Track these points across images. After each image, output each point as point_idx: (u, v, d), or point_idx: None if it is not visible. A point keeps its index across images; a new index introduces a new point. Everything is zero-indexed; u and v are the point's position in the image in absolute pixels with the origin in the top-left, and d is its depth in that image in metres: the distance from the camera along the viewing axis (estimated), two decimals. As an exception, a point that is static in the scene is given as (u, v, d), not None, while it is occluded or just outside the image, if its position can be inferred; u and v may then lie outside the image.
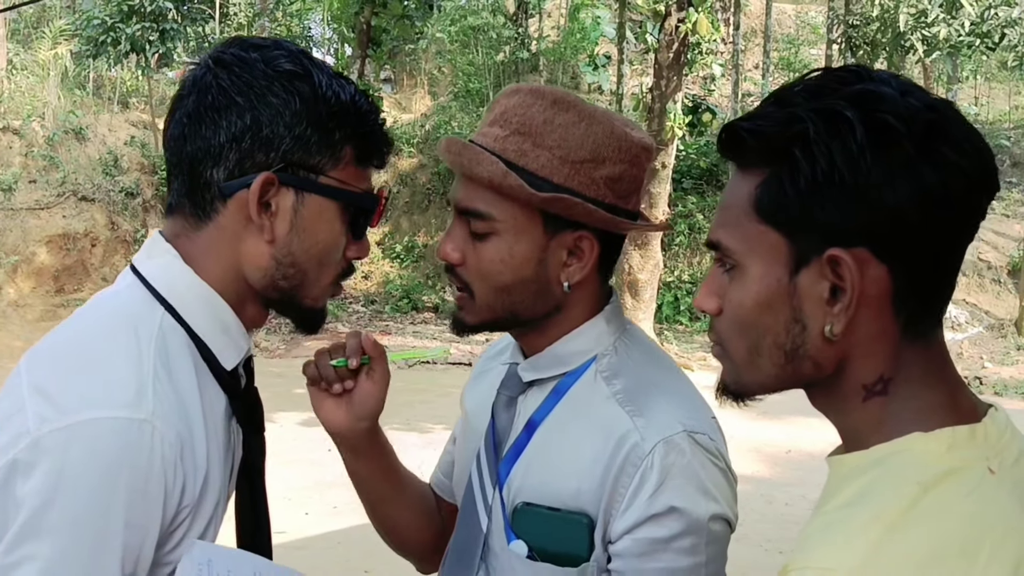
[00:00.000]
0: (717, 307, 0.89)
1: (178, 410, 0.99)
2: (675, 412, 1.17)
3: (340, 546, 5.42)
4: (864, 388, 0.84)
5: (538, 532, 1.17)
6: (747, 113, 0.88)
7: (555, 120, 1.16)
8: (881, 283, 0.80)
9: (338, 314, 15.54)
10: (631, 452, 1.14)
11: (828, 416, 0.89)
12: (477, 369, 1.44)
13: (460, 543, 1.27)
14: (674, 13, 11.26)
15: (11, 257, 14.74)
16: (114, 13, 16.70)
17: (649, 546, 1.12)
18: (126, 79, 19.77)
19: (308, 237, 1.07)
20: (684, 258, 17.01)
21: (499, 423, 1.26)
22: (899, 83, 0.83)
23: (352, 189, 1.09)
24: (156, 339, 1.01)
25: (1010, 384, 12.05)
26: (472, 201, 1.17)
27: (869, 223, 0.79)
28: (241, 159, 1.03)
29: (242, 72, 1.03)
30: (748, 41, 24.48)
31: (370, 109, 1.10)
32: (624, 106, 16.84)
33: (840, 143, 0.79)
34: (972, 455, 0.80)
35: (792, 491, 6.95)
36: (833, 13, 19.58)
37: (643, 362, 1.23)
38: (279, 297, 1.10)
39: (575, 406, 1.21)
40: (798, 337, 0.84)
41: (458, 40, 23.64)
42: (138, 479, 0.93)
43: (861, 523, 0.76)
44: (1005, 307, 15.36)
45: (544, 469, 1.19)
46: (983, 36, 14.21)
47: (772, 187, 0.83)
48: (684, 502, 1.11)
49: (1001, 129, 20.89)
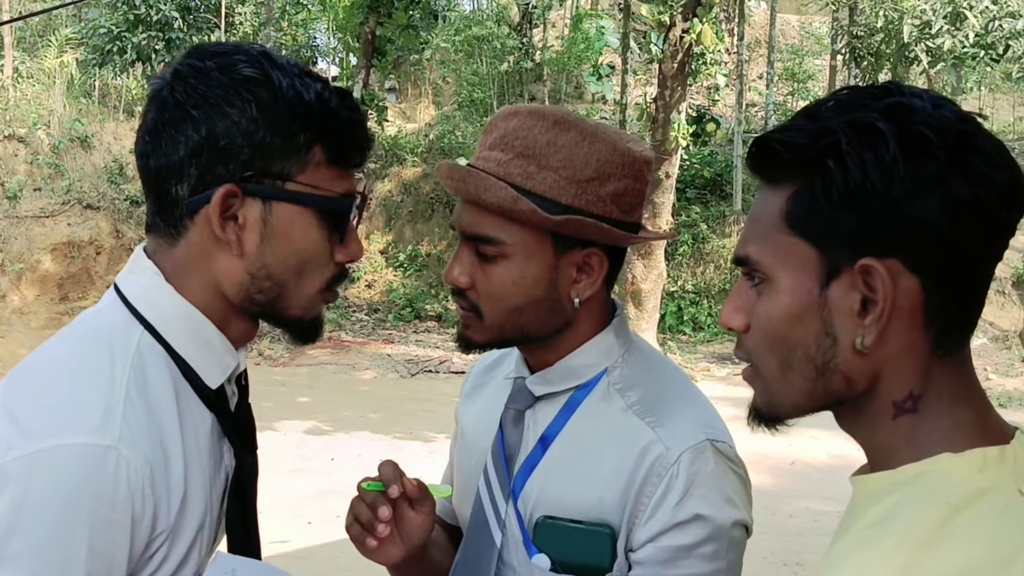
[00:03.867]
0: (743, 323, 0.88)
1: (149, 433, 0.96)
2: (695, 421, 1.18)
3: (344, 555, 5.40)
4: (894, 405, 0.83)
5: (560, 545, 1.17)
6: (778, 127, 0.87)
7: (558, 141, 1.16)
8: (913, 295, 0.80)
9: (341, 323, 15.55)
10: (656, 462, 1.15)
11: (856, 437, 0.88)
12: (469, 384, 1.43)
13: (470, 558, 1.26)
14: (678, 23, 11.28)
15: (16, 265, 14.78)
16: (120, 22, 16.79)
17: (673, 553, 1.13)
18: (132, 88, 19.86)
19: (282, 247, 1.02)
20: (688, 268, 17.00)
21: (508, 437, 1.26)
22: (930, 96, 0.82)
23: (324, 193, 1.03)
24: (132, 360, 0.98)
25: (1014, 396, 12.02)
26: (480, 227, 1.16)
27: (901, 234, 0.79)
28: (202, 173, 0.99)
29: (197, 83, 1.00)
30: (752, 51, 24.52)
31: (341, 105, 1.04)
32: (628, 116, 16.86)
33: (873, 154, 0.78)
34: (1003, 477, 0.79)
35: (796, 503, 6.92)
36: (837, 24, 19.61)
37: (654, 373, 1.25)
38: (259, 311, 1.06)
39: (590, 419, 1.21)
40: (829, 351, 0.83)
41: (462, 50, 23.70)
42: (102, 507, 0.91)
43: (891, 543, 0.76)
44: (1009, 318, 15.33)
45: (562, 482, 1.19)
46: (987, 47, 14.22)
47: (804, 198, 0.82)
48: (709, 510, 1.13)
49: (1005, 140, 20.85)
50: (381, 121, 18.84)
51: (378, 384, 12.37)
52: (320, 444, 8.80)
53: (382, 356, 14.16)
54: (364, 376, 12.92)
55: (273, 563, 1.14)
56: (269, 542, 1.55)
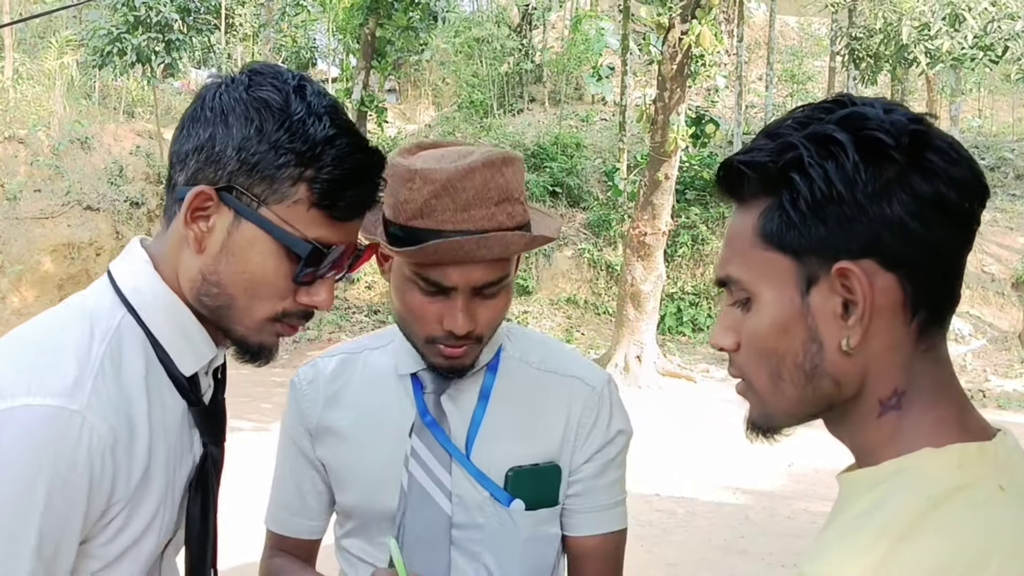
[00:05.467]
0: (734, 343, 0.92)
1: (117, 405, 1.02)
2: (591, 363, 1.52)
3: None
4: (880, 404, 0.87)
5: (529, 489, 1.40)
6: (740, 150, 0.91)
7: (512, 177, 1.31)
8: (891, 292, 0.83)
9: (341, 324, 15.55)
10: (586, 398, 1.44)
11: (844, 438, 0.91)
12: (323, 393, 1.47)
13: (421, 537, 1.37)
14: (677, 25, 11.29)
15: (16, 266, 14.79)
16: (120, 24, 16.81)
17: (603, 467, 1.44)
18: (132, 89, 19.88)
19: (237, 262, 1.06)
20: (687, 269, 17.01)
21: (435, 418, 1.40)
22: (881, 103, 0.87)
23: (292, 231, 1.05)
24: (111, 337, 1.05)
25: (1014, 397, 12.00)
26: (491, 275, 1.30)
27: (871, 235, 0.82)
28: (197, 170, 1.06)
29: (225, 91, 1.07)
30: (752, 53, 24.54)
31: (354, 158, 1.06)
32: (628, 117, 16.88)
33: (834, 163, 0.83)
34: (982, 472, 0.82)
35: (794, 504, 6.94)
36: (836, 25, 19.62)
37: (533, 339, 1.52)
38: (208, 315, 1.10)
39: (510, 384, 1.44)
40: (816, 355, 0.86)
41: (462, 51, 23.72)
42: (61, 465, 0.96)
43: (872, 534, 0.79)
44: (1009, 320, 15.34)
45: (509, 437, 1.40)
46: (986, 49, 14.23)
47: (775, 213, 0.86)
48: (626, 425, 1.48)
49: (1004, 142, 20.90)
50: (381, 122, 18.86)
51: (378, 385, 12.34)
52: (319, 445, 8.79)
53: (382, 357, 14.13)
54: (364, 377, 12.90)
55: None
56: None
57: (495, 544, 1.39)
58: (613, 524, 1.46)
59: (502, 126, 21.16)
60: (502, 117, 22.13)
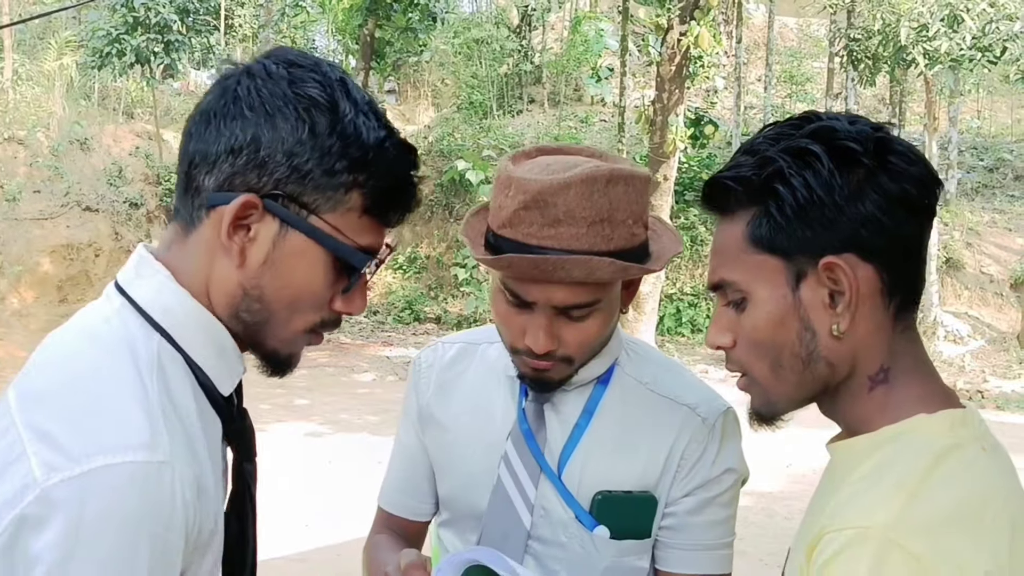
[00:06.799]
0: (731, 341, 1.01)
1: (187, 445, 0.92)
2: (710, 391, 1.41)
3: (340, 558, 5.41)
4: (869, 379, 0.98)
5: (617, 516, 1.34)
6: (723, 167, 1.01)
7: (620, 198, 1.23)
8: (871, 281, 0.95)
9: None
10: (695, 430, 1.35)
11: (836, 416, 1.02)
12: (434, 381, 1.48)
13: (496, 540, 1.36)
14: (676, 26, 11.29)
15: (15, 267, 14.79)
16: (119, 24, 16.80)
17: (702, 503, 1.35)
18: (131, 90, 19.87)
19: (282, 275, 0.98)
20: (686, 270, 17.02)
21: (533, 428, 1.37)
22: (845, 116, 0.99)
23: (345, 240, 0.98)
24: (156, 369, 0.94)
25: (1012, 398, 12.01)
26: (575, 299, 1.23)
27: (850, 231, 0.94)
28: (233, 174, 0.96)
29: (263, 85, 0.96)
30: (751, 54, 24.55)
31: (400, 160, 1.00)
32: (627, 118, 16.89)
33: (812, 172, 0.94)
34: (968, 434, 0.95)
35: (792, 505, 6.93)
36: (835, 26, 19.63)
37: (651, 359, 1.44)
38: (241, 330, 1.01)
39: (617, 403, 1.37)
40: (811, 343, 0.97)
41: (461, 52, 23.73)
42: (159, 526, 0.86)
43: (887, 488, 0.89)
44: (1007, 320, 15.35)
45: (605, 460, 1.35)
46: (984, 50, 14.23)
47: (763, 220, 0.97)
48: (737, 463, 1.38)
49: (1003, 143, 20.91)
50: (380, 123, 18.81)
51: (377, 386, 12.38)
52: (317, 447, 8.81)
53: (381, 358, 14.18)
54: (363, 378, 12.94)
55: (269, 566, 1.14)
56: (265, 545, 1.56)
57: (573, 566, 1.35)
58: (710, 567, 1.36)
59: (501, 127, 21.18)
60: (501, 118, 22.14)
